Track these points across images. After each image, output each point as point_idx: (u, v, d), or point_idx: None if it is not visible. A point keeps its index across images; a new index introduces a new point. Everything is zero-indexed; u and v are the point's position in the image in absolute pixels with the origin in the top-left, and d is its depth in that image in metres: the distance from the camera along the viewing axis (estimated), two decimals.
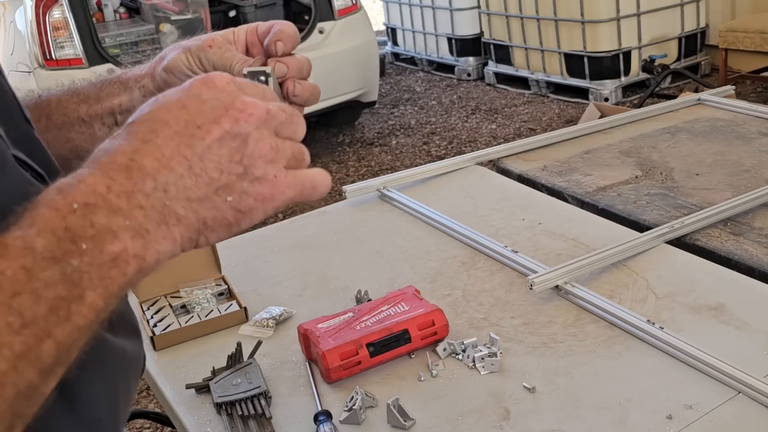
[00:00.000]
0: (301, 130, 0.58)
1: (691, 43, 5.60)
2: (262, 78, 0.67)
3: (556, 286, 1.28)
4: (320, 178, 0.58)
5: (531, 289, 1.25)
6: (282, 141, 0.56)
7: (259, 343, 1.16)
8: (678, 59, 5.54)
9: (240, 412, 1.04)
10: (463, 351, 1.13)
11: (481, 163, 1.90)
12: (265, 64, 0.70)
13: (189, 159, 0.52)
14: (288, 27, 0.71)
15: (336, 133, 5.39)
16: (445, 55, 6.61)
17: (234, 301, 1.31)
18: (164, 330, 1.24)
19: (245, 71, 0.67)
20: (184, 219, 0.52)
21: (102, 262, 0.48)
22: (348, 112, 5.21)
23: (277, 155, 0.55)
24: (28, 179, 0.57)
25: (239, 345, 1.16)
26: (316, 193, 0.58)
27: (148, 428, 2.57)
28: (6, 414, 0.44)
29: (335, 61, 4.74)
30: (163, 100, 0.54)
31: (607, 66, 5.29)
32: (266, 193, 0.55)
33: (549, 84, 5.70)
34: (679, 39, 5.52)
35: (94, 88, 0.78)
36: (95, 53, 4.22)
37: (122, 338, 0.65)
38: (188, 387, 1.12)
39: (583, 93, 5.43)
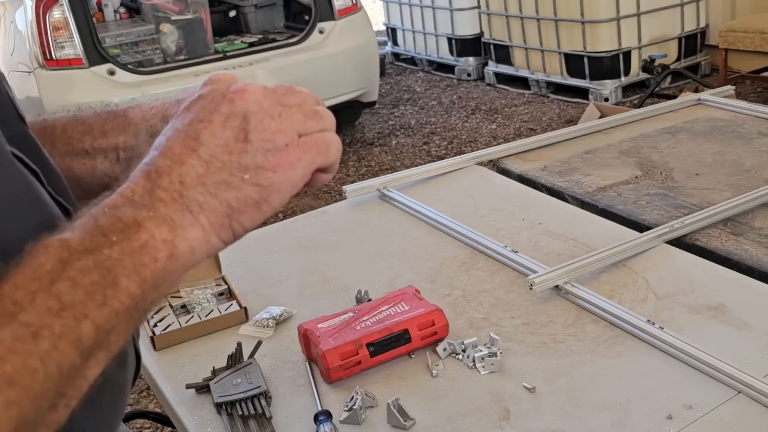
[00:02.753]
0: (310, 98, 0.60)
1: (691, 43, 5.60)
2: None
3: (556, 286, 1.28)
4: (329, 136, 0.60)
5: (531, 289, 1.25)
6: (287, 108, 0.58)
7: (259, 343, 1.16)
8: (678, 59, 5.54)
9: (240, 412, 1.04)
10: (463, 351, 1.13)
11: (481, 163, 1.90)
12: None
13: (196, 150, 0.55)
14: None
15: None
16: (445, 55, 6.61)
17: (234, 301, 1.31)
18: (164, 330, 1.24)
19: None
20: (206, 204, 0.55)
21: (132, 250, 0.51)
22: (348, 112, 5.21)
23: (284, 123, 0.57)
24: (24, 174, 0.59)
25: (239, 345, 1.16)
26: (332, 152, 0.60)
27: (148, 428, 2.57)
28: (49, 391, 0.48)
29: (335, 61, 4.74)
30: (180, 113, 0.58)
31: (607, 66, 5.29)
32: (282, 162, 0.56)
33: (549, 84, 5.70)
34: (679, 39, 5.51)
35: (99, 120, 0.78)
36: (95, 53, 4.22)
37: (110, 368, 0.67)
38: (188, 387, 1.12)
39: (583, 93, 5.43)
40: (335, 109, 4.94)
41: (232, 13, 5.41)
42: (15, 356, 0.46)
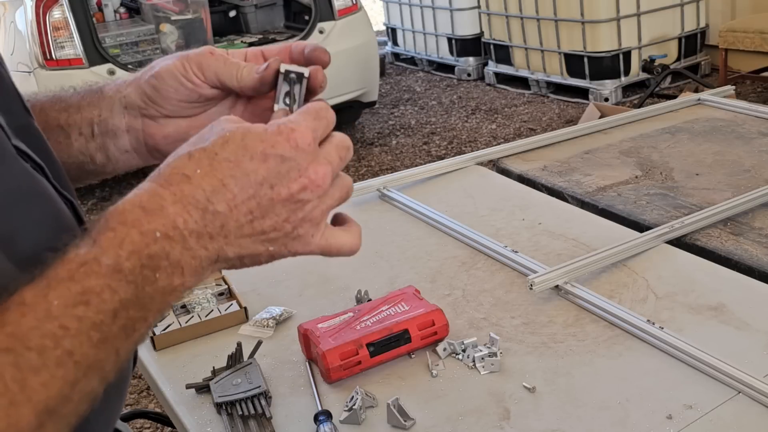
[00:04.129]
0: (351, 189, 0.62)
1: (691, 43, 5.61)
2: (293, 76, 0.65)
3: (556, 286, 1.28)
4: (348, 246, 0.62)
5: (531, 289, 1.25)
6: (334, 202, 0.60)
7: (259, 343, 1.16)
8: (678, 59, 5.55)
9: (240, 412, 1.04)
10: (463, 351, 1.13)
11: (481, 163, 1.90)
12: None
13: (253, 213, 0.56)
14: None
15: None
16: (445, 55, 6.61)
17: (234, 301, 1.31)
18: (164, 330, 1.24)
19: (283, 68, 0.65)
20: (230, 260, 0.58)
21: (167, 292, 0.54)
22: (348, 112, 5.21)
23: (322, 218, 0.60)
24: (28, 170, 0.59)
25: (239, 345, 1.16)
26: (337, 256, 0.63)
27: (148, 428, 2.57)
28: (72, 415, 0.50)
29: (335, 61, 4.65)
30: (249, 145, 0.56)
31: (607, 66, 5.30)
32: (300, 249, 0.60)
33: (549, 84, 5.70)
34: (679, 39, 5.52)
35: (77, 97, 0.78)
36: (95, 53, 4.22)
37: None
38: (188, 387, 1.12)
39: (583, 93, 5.43)
40: (335, 109, 4.94)
41: (232, 13, 5.41)
42: (56, 382, 0.47)
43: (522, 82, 5.94)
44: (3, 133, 0.58)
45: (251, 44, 4.81)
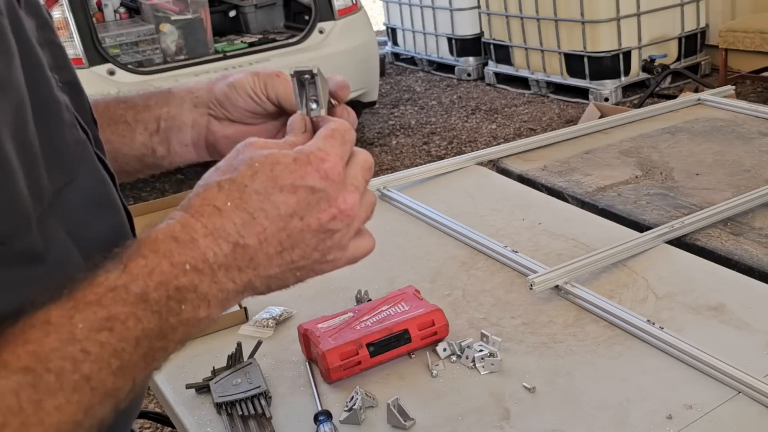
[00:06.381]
0: (375, 205, 0.63)
1: (691, 43, 5.61)
2: (308, 76, 0.64)
3: (556, 286, 1.28)
4: (369, 248, 0.63)
5: (531, 289, 1.25)
6: (361, 223, 0.61)
7: (259, 343, 1.16)
8: (678, 59, 5.55)
9: (240, 412, 1.04)
10: (463, 351, 1.13)
11: (481, 163, 1.90)
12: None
13: (283, 244, 0.56)
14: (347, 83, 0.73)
15: None
16: (445, 55, 6.61)
17: None
18: None
19: (292, 71, 0.65)
20: (257, 290, 0.58)
21: (191, 323, 0.54)
22: None
23: (350, 242, 0.60)
24: (106, 179, 0.62)
25: (239, 345, 1.16)
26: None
27: (148, 428, 2.57)
28: None
29: (335, 61, 4.73)
30: (279, 176, 0.56)
31: (607, 66, 5.30)
32: (327, 270, 0.61)
33: (549, 84, 5.70)
34: (679, 39, 5.52)
35: (142, 98, 0.82)
36: (95, 53, 4.22)
37: None
38: (188, 387, 1.12)
39: (583, 93, 5.43)
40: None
41: (232, 13, 5.41)
42: (70, 407, 0.47)
43: (522, 82, 5.94)
44: (88, 141, 0.60)
45: (251, 44, 4.81)
